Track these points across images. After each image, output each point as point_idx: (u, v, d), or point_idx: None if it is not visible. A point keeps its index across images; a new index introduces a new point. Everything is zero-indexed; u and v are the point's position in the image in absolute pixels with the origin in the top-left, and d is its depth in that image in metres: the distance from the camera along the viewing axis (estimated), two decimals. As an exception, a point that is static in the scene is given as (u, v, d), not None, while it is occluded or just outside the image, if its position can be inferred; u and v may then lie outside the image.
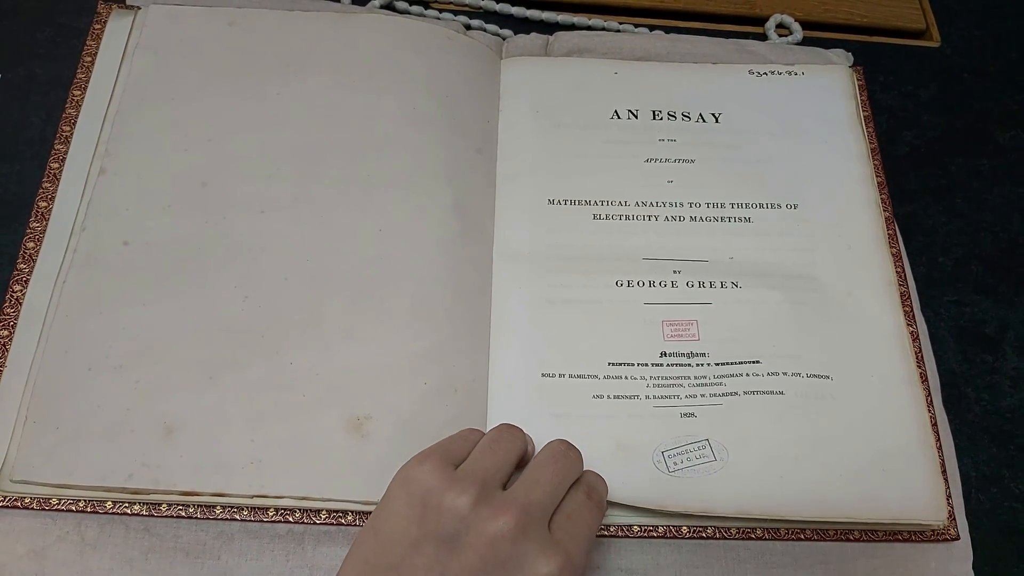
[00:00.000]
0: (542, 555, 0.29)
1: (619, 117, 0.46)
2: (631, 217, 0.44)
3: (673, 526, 0.37)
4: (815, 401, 0.39)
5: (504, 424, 0.35)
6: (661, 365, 0.40)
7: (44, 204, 0.41)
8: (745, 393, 0.39)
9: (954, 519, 0.38)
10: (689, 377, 0.40)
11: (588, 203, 0.44)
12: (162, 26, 0.46)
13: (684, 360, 0.40)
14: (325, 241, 0.41)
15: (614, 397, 0.39)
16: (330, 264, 0.40)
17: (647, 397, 0.39)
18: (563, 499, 0.33)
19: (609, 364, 0.40)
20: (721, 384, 0.40)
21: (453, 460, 0.32)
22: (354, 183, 0.42)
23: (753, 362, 0.40)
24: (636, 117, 0.47)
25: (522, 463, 0.35)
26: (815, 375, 0.40)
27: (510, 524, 0.29)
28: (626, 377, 0.40)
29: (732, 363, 0.40)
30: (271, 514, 0.35)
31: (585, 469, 0.35)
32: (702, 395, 0.39)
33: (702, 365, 0.40)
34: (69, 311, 0.38)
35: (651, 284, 0.42)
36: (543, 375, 0.39)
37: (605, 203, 0.44)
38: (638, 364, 0.40)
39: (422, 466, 0.31)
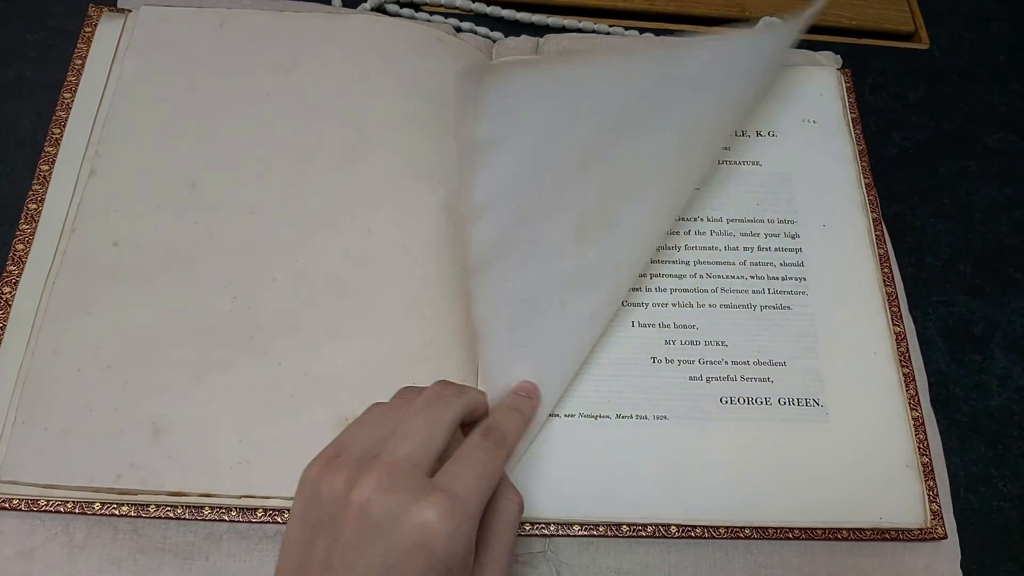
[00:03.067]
0: (416, 503, 0.28)
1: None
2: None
3: (662, 525, 0.37)
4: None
5: (403, 388, 0.34)
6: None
7: (34, 206, 0.41)
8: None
9: (941, 518, 0.38)
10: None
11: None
12: (153, 28, 0.46)
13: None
14: (314, 242, 0.41)
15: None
16: (319, 265, 0.40)
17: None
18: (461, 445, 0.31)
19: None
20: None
21: (337, 451, 0.31)
22: (344, 184, 0.42)
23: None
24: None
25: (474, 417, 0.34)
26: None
27: (371, 484, 0.28)
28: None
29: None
30: (259, 514, 0.35)
31: (496, 405, 0.35)
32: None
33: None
34: (58, 312, 0.38)
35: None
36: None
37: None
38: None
39: (308, 467, 0.30)
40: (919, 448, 0.39)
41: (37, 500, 0.35)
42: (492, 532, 0.31)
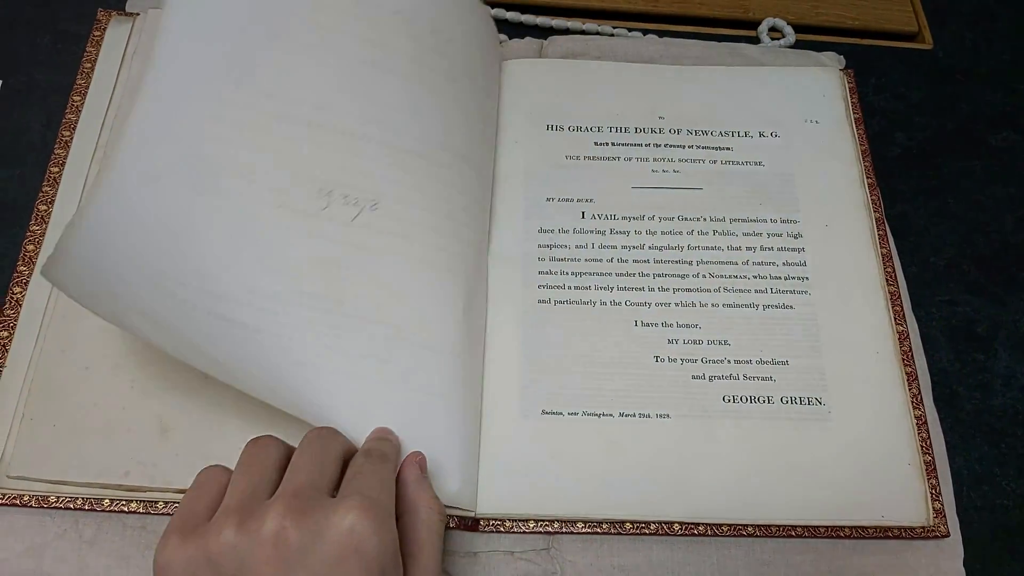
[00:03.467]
0: (333, 514, 0.27)
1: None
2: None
3: (665, 523, 0.37)
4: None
5: (250, 441, 0.32)
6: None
7: (44, 208, 0.42)
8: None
9: (944, 516, 0.38)
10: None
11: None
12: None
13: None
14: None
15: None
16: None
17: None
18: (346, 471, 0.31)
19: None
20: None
21: (193, 520, 0.29)
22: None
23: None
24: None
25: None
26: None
27: (280, 514, 0.26)
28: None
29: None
30: (266, 511, 0.36)
31: (367, 439, 0.34)
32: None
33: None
34: (67, 312, 0.39)
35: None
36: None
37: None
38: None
39: (163, 549, 0.28)
40: (922, 447, 0.39)
41: (47, 497, 0.36)
42: (418, 544, 0.30)
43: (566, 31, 0.53)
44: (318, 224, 0.37)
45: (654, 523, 0.37)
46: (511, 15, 0.54)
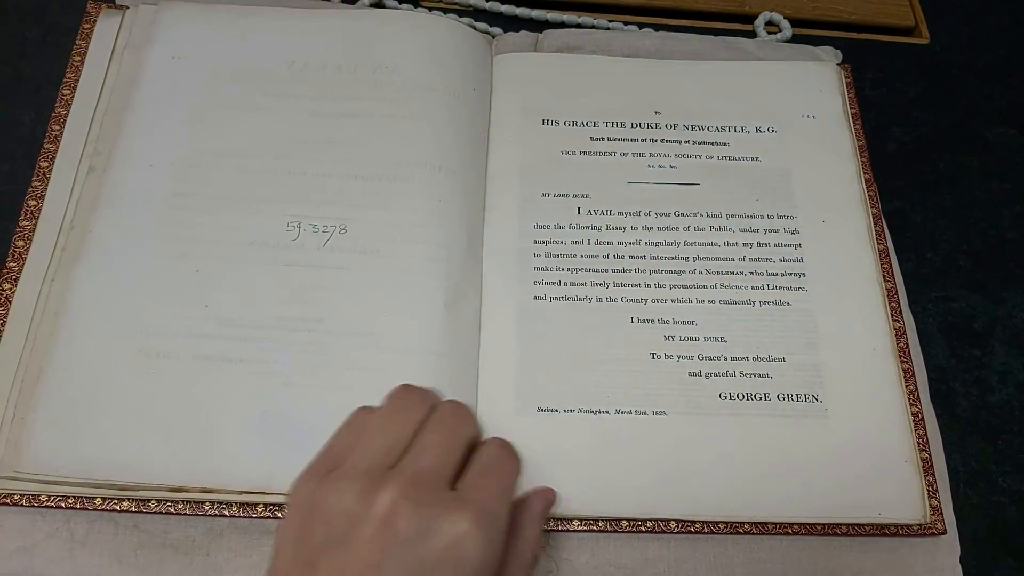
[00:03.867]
0: (447, 516, 0.27)
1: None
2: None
3: (661, 520, 0.37)
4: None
5: (400, 387, 0.33)
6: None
7: (34, 203, 0.41)
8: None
9: (941, 513, 0.38)
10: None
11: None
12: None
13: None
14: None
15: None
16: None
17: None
18: (471, 460, 0.31)
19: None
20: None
21: (333, 463, 0.30)
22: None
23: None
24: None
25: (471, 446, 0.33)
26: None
27: (395, 496, 0.27)
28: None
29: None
30: (260, 510, 0.36)
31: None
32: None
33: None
34: (58, 309, 0.38)
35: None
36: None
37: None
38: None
39: (299, 482, 0.29)
40: (918, 444, 0.39)
41: (38, 496, 0.35)
42: (508, 571, 0.30)
43: (561, 24, 0.53)
44: (291, 254, 0.40)
45: (650, 521, 0.37)
46: (506, 8, 0.53)
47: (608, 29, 0.53)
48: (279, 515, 0.36)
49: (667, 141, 0.46)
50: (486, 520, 0.27)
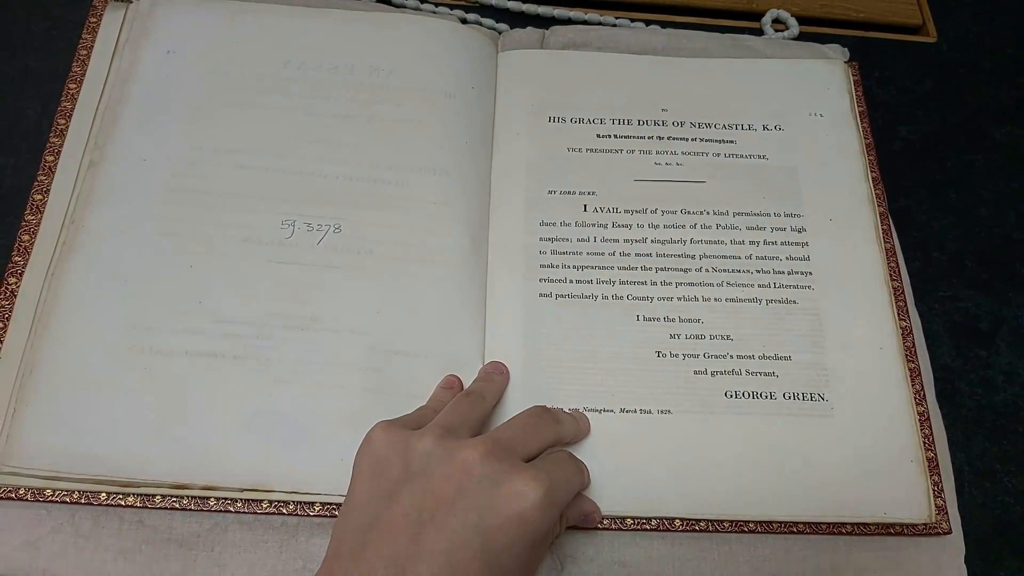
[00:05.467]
0: (519, 475, 0.29)
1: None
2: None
3: (666, 519, 0.37)
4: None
5: (486, 371, 0.37)
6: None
7: (39, 196, 0.41)
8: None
9: (946, 513, 0.38)
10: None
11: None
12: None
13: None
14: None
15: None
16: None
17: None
18: (546, 453, 0.33)
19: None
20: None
21: (407, 424, 0.32)
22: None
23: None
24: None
25: None
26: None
27: (479, 449, 0.29)
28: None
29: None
30: (264, 506, 0.36)
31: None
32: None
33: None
34: (62, 302, 0.38)
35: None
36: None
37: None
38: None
39: (377, 428, 0.32)
40: (924, 443, 0.39)
41: (43, 490, 0.35)
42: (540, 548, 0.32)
43: (568, 21, 0.53)
44: (284, 252, 0.40)
45: (655, 519, 0.37)
46: (512, 4, 0.53)
47: (615, 26, 0.53)
48: (283, 511, 0.36)
49: (674, 138, 0.46)
50: (550, 491, 0.29)
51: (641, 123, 0.46)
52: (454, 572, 0.27)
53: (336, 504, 0.36)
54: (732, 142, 0.46)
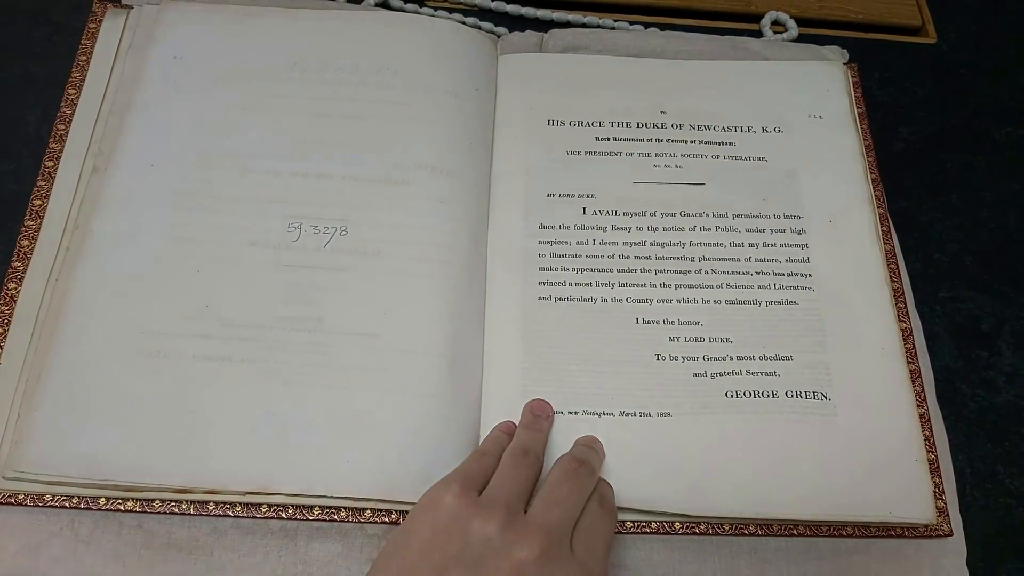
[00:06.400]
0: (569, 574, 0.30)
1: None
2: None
3: (666, 522, 0.37)
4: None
5: (528, 420, 0.37)
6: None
7: (39, 203, 0.41)
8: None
9: (947, 515, 0.38)
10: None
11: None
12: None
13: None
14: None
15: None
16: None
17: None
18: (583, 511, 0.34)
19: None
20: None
21: (475, 485, 0.33)
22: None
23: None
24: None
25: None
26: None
27: (535, 551, 0.30)
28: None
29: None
30: (264, 510, 0.36)
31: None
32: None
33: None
34: (62, 308, 0.38)
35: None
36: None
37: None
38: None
39: (447, 492, 0.32)
40: (925, 444, 0.39)
41: (43, 496, 0.35)
42: None
43: (567, 24, 0.53)
44: (291, 254, 0.41)
45: (655, 522, 0.37)
46: (511, 8, 0.53)
47: (613, 29, 0.53)
48: (282, 516, 0.36)
49: (673, 141, 0.46)
50: None
51: (640, 126, 0.46)
52: None
53: (337, 508, 0.36)
54: (731, 144, 0.46)
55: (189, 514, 0.35)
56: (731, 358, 0.40)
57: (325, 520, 0.36)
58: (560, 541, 0.31)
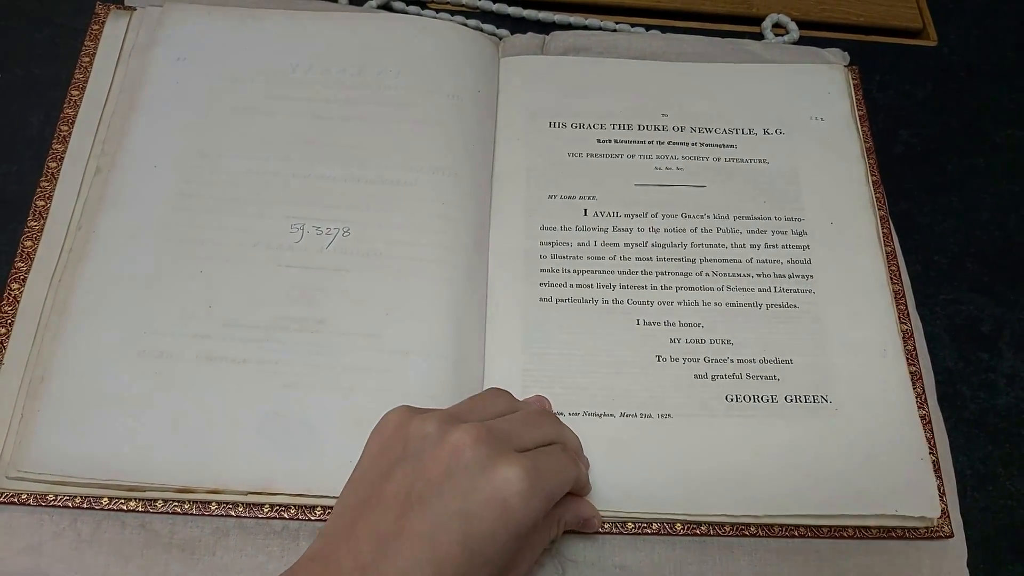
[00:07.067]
0: (507, 462, 0.29)
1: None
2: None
3: (667, 523, 0.37)
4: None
5: (492, 389, 0.36)
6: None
7: (42, 203, 0.41)
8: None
9: (948, 517, 0.38)
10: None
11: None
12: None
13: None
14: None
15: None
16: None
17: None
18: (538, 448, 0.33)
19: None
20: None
21: (426, 411, 0.33)
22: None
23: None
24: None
25: None
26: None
27: (471, 433, 0.29)
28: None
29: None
30: (266, 510, 0.36)
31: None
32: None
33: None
34: (65, 308, 0.38)
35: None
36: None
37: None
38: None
39: (391, 411, 0.32)
40: (926, 446, 0.39)
41: (45, 495, 0.35)
42: (536, 535, 0.32)
43: (568, 26, 0.53)
44: (294, 255, 0.41)
45: (656, 523, 0.37)
46: (513, 10, 0.53)
47: (615, 31, 0.53)
48: (284, 516, 0.36)
49: (674, 143, 0.46)
50: (537, 482, 0.29)
51: (641, 128, 0.46)
52: (435, 555, 0.27)
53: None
54: (732, 146, 0.46)
55: (192, 514, 0.35)
56: (732, 360, 0.40)
57: (327, 521, 0.36)
58: (502, 439, 0.31)
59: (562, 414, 0.38)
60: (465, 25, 0.51)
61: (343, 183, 0.42)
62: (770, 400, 0.39)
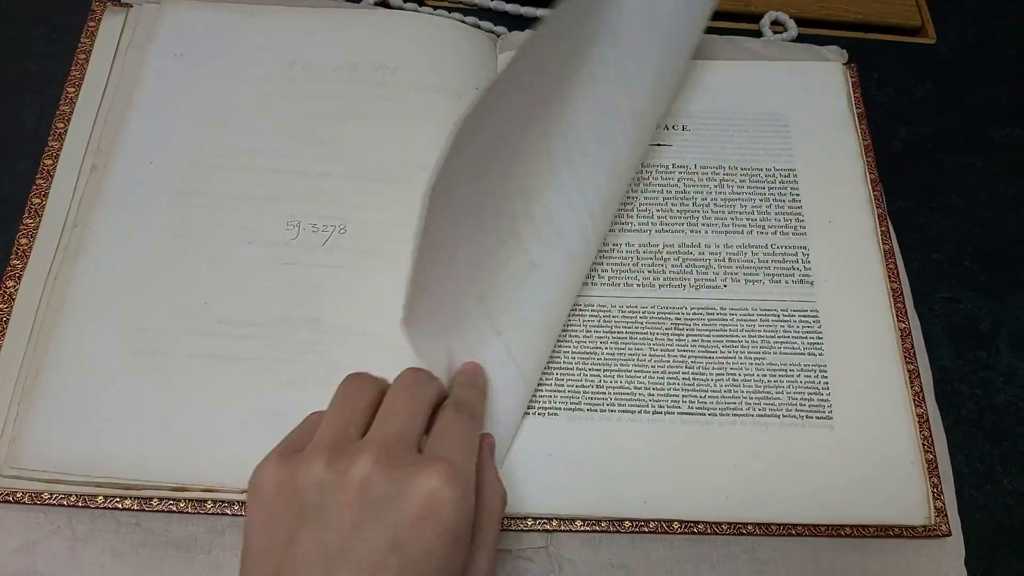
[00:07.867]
0: (419, 473, 0.27)
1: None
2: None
3: (664, 521, 0.37)
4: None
5: (349, 376, 0.32)
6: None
7: (37, 201, 0.41)
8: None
9: (946, 515, 0.38)
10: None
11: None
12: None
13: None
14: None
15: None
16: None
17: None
18: (434, 419, 0.31)
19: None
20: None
21: (296, 448, 0.29)
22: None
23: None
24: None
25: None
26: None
27: (369, 461, 0.27)
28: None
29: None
30: (261, 509, 0.35)
31: (454, 384, 0.35)
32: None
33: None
34: (61, 307, 0.38)
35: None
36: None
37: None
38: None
39: (263, 467, 0.29)
40: (923, 445, 0.39)
41: (40, 494, 0.35)
42: (480, 521, 0.30)
43: (566, 24, 0.53)
44: (290, 252, 0.41)
45: (653, 521, 0.37)
46: (510, 7, 0.53)
47: (613, 28, 0.53)
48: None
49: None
50: (454, 474, 0.27)
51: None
52: None
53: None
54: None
55: (187, 512, 0.35)
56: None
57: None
58: (401, 449, 0.28)
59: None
60: (463, 22, 0.51)
61: (340, 180, 0.42)
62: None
